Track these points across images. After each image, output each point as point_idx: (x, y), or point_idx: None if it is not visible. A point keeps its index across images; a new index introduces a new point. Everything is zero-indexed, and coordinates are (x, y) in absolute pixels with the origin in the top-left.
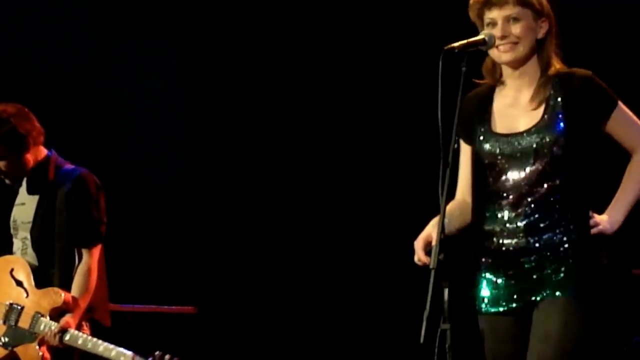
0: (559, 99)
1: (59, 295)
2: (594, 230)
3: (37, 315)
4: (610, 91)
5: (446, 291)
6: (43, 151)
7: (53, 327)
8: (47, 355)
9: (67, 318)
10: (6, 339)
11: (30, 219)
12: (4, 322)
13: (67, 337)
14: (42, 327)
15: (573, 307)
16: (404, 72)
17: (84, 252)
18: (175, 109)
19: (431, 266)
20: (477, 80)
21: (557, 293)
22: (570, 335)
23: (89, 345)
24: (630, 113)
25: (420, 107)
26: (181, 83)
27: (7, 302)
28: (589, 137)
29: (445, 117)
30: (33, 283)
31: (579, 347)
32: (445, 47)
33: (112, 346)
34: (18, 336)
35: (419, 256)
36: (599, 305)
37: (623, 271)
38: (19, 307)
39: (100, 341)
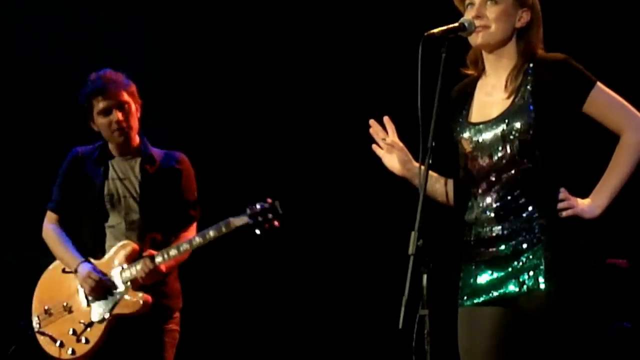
0: (530, 85)
1: (130, 245)
2: (567, 213)
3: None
4: (587, 73)
5: (425, 277)
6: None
7: (140, 264)
8: (146, 296)
9: (147, 252)
10: (100, 310)
11: (136, 193)
12: (88, 303)
13: (158, 259)
14: (128, 274)
15: (554, 305)
16: (389, 60)
17: (192, 226)
18: (155, 109)
19: (410, 252)
20: (463, 70)
21: (536, 285)
22: (555, 337)
23: (184, 247)
24: (613, 93)
25: (405, 94)
26: (160, 75)
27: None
28: (562, 121)
29: (428, 103)
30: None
31: (565, 343)
32: (425, 34)
33: (207, 230)
34: (108, 301)
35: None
36: (578, 295)
37: (598, 259)
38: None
39: (195, 236)
